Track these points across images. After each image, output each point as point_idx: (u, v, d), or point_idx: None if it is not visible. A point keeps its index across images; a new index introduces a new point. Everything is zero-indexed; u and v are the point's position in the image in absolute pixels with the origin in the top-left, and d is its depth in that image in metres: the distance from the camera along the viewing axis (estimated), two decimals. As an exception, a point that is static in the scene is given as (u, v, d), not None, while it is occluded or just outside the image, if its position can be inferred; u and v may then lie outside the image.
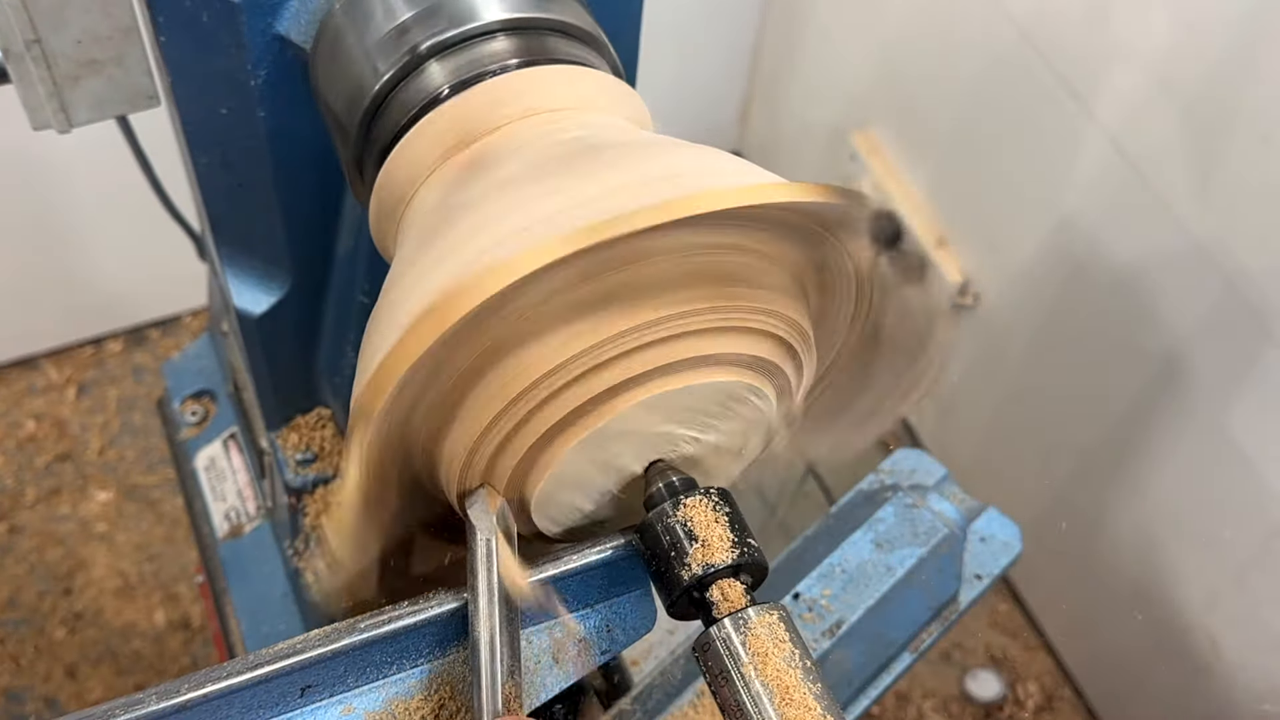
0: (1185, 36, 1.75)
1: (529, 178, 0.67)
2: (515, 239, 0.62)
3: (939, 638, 1.10)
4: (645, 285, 0.64)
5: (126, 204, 1.91)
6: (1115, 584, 2.26)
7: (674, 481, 0.70)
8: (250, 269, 1.03)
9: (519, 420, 0.66)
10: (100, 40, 0.92)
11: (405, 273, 0.67)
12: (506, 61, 0.77)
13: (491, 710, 0.62)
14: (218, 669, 0.62)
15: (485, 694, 0.63)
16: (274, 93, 0.87)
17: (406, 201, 0.76)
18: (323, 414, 1.20)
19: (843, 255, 0.70)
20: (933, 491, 1.14)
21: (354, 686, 0.66)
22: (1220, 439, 1.91)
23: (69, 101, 0.96)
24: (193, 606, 2.48)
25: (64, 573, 2.51)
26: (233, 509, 1.46)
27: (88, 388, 2.78)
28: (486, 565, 0.65)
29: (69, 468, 2.66)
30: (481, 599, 0.64)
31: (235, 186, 0.94)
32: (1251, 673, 2.01)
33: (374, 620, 0.65)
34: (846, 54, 2.66)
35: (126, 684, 2.38)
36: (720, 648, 0.64)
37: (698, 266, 0.65)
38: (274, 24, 0.84)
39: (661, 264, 0.64)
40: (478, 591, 0.65)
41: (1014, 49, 2.09)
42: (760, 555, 0.68)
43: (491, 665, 0.63)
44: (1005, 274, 2.30)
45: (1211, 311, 1.86)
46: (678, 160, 0.66)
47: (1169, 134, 1.84)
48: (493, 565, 0.65)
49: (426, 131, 0.76)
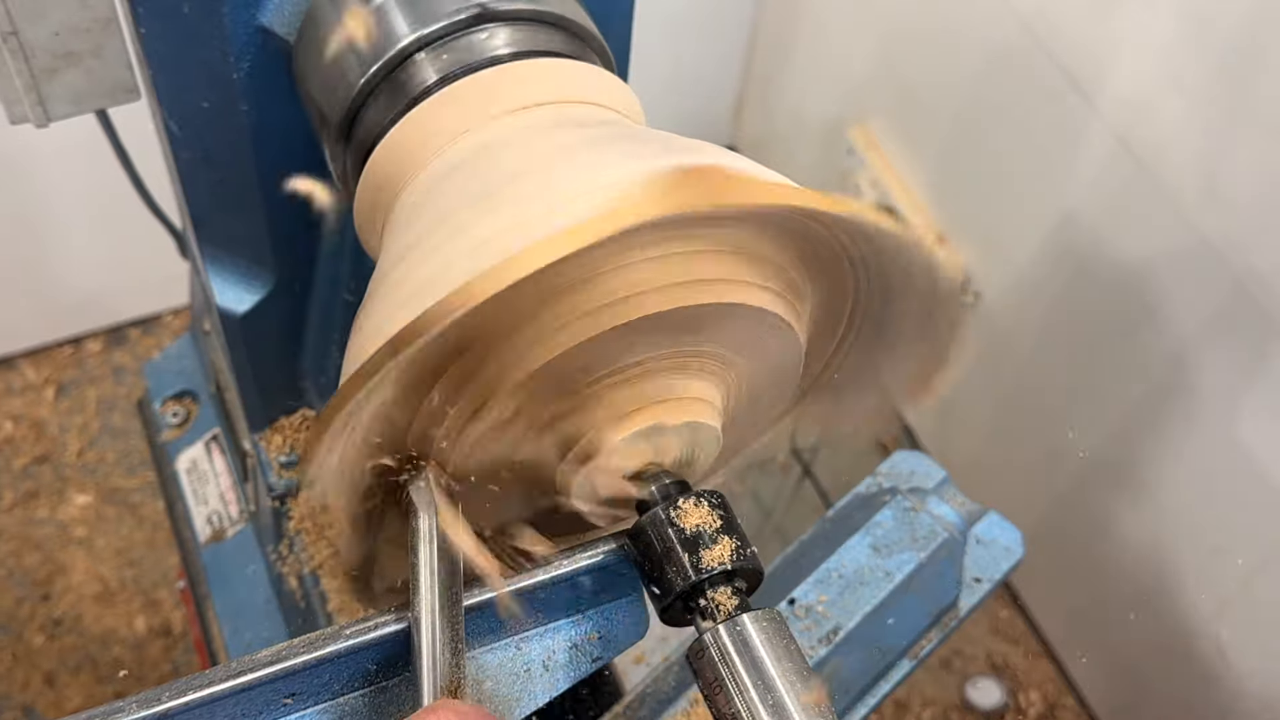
0: (1193, 28, 1.76)
1: (523, 171, 0.67)
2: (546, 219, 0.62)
3: (938, 645, 1.10)
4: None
5: (106, 200, 1.90)
6: (1120, 590, 2.26)
7: (667, 484, 0.70)
8: (233, 267, 1.03)
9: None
10: (79, 32, 0.92)
11: (396, 266, 0.67)
12: (496, 54, 0.77)
13: (432, 692, 0.62)
14: (199, 677, 0.62)
15: (426, 675, 0.63)
16: (257, 86, 0.87)
17: (394, 196, 0.76)
18: (307, 415, 1.20)
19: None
20: (932, 495, 1.14)
21: (339, 694, 0.66)
22: (1228, 442, 1.92)
23: (47, 95, 0.96)
24: (174, 613, 2.47)
25: (42, 578, 2.50)
26: (215, 512, 1.46)
27: (67, 388, 2.78)
28: (427, 544, 0.65)
29: (47, 470, 2.66)
30: (422, 578, 0.64)
31: (217, 182, 0.94)
32: (1260, 681, 2.01)
33: (359, 627, 0.65)
34: (844, 46, 2.66)
35: (106, 692, 2.38)
36: (714, 655, 0.64)
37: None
38: (257, 15, 0.84)
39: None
40: (418, 570, 0.65)
41: (1016, 41, 2.09)
42: (755, 560, 0.68)
43: (432, 646, 0.63)
44: (1006, 272, 2.30)
45: (1219, 311, 1.87)
46: (687, 156, 0.66)
47: (1176, 128, 1.85)
48: (433, 544, 0.65)
49: (414, 125, 0.76)
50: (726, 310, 0.67)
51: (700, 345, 0.69)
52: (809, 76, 2.85)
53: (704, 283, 0.65)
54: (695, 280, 0.65)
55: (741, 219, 0.65)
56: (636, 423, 0.69)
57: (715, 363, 0.71)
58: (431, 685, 0.62)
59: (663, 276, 0.64)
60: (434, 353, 0.62)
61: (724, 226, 0.64)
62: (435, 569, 0.65)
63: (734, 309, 0.67)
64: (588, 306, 0.63)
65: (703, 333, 0.68)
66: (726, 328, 0.69)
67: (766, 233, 0.67)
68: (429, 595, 0.64)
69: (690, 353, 0.69)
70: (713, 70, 3.06)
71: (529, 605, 0.69)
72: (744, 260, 0.66)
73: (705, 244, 0.65)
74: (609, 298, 0.63)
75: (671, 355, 0.68)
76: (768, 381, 0.78)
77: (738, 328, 0.69)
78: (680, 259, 0.64)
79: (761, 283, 0.68)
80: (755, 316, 0.69)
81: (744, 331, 0.70)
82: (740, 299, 0.67)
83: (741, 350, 0.71)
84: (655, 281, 0.64)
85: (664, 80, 2.92)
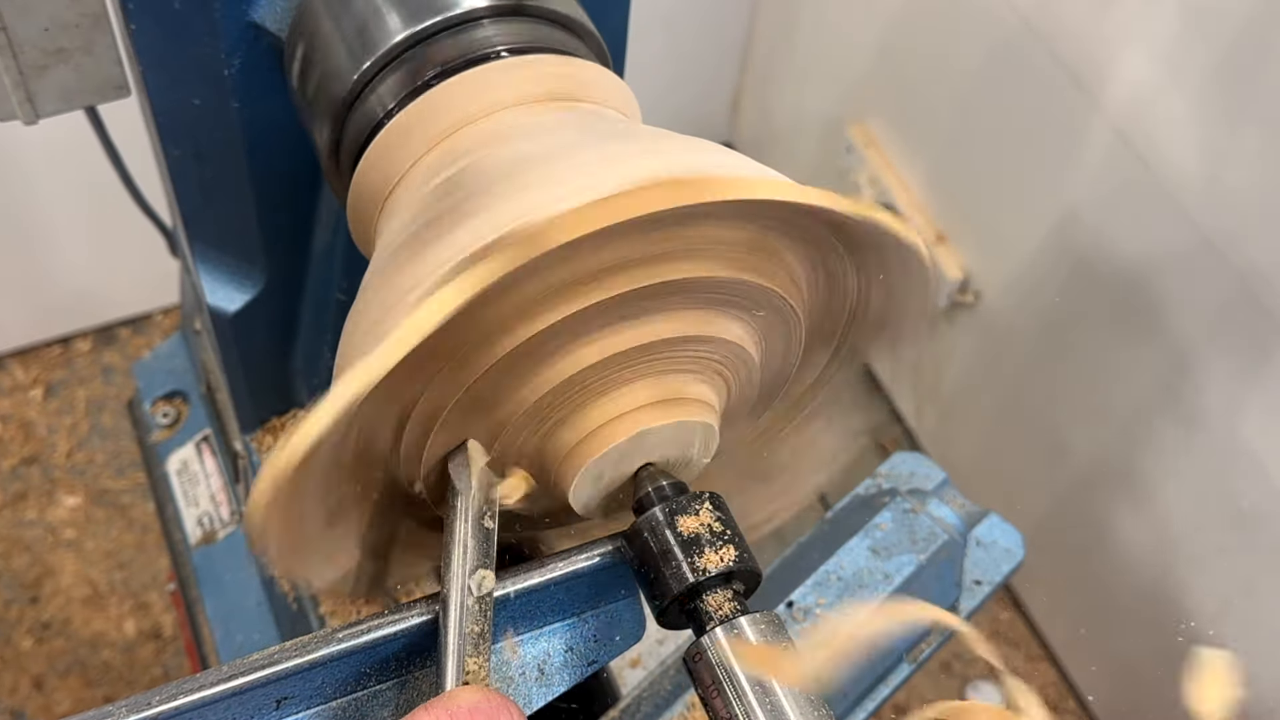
0: (1195, 21, 1.76)
1: (520, 166, 0.67)
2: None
3: (938, 648, 1.10)
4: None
5: (95, 198, 1.91)
6: (1122, 592, 2.26)
7: (663, 486, 0.70)
8: (224, 265, 1.03)
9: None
10: (68, 28, 0.92)
11: (386, 266, 0.67)
12: (492, 50, 0.77)
13: (457, 675, 0.62)
14: (190, 680, 0.62)
15: (451, 658, 0.63)
16: (248, 82, 0.87)
17: (387, 194, 0.76)
18: (299, 415, 1.20)
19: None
20: (932, 496, 1.14)
21: (332, 698, 0.66)
22: (1231, 442, 1.92)
23: (36, 91, 0.95)
24: (164, 616, 2.47)
25: (31, 580, 2.50)
26: (206, 514, 1.46)
27: (55, 388, 2.78)
28: (463, 519, 0.65)
29: (36, 471, 2.65)
30: (455, 555, 0.64)
31: (208, 180, 0.95)
32: (1265, 685, 2.01)
33: (352, 630, 0.65)
34: (842, 42, 2.66)
35: (96, 696, 2.37)
36: (711, 658, 0.64)
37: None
38: (248, 11, 0.84)
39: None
40: (451, 548, 0.65)
41: (1016, 36, 2.09)
42: (753, 562, 0.68)
43: (459, 625, 0.63)
44: (1006, 271, 2.30)
45: (1221, 310, 1.87)
46: (696, 154, 0.66)
47: (1178, 124, 1.85)
48: (469, 520, 0.65)
49: (409, 121, 0.76)
50: (682, 285, 0.66)
51: (673, 342, 0.69)
52: (807, 73, 2.85)
53: (654, 267, 0.64)
54: (644, 266, 0.64)
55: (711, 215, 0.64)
56: (620, 432, 0.69)
57: (699, 357, 0.71)
58: (455, 667, 0.62)
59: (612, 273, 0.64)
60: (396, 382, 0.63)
61: (683, 225, 0.64)
62: (468, 546, 0.65)
63: (695, 283, 0.66)
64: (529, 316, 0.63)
65: (667, 319, 0.68)
66: (695, 308, 0.68)
67: (726, 221, 0.66)
68: (460, 574, 0.64)
69: (664, 352, 0.69)
70: (710, 66, 3.06)
71: (524, 608, 0.69)
72: (709, 251, 0.66)
73: (669, 244, 0.64)
74: (555, 300, 0.63)
75: (648, 358, 0.69)
76: (777, 361, 0.77)
77: (709, 307, 0.69)
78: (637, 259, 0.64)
79: (731, 257, 0.67)
80: (728, 288, 0.68)
81: (718, 309, 0.70)
82: (700, 273, 0.66)
83: (724, 331, 0.71)
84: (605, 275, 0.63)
85: (660, 77, 2.92)
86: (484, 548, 0.65)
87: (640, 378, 0.69)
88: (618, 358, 0.67)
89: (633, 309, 0.65)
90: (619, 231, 0.58)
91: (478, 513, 0.66)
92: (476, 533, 0.65)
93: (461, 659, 0.62)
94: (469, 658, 0.62)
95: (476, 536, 0.65)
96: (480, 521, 0.66)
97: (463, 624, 0.63)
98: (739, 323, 0.71)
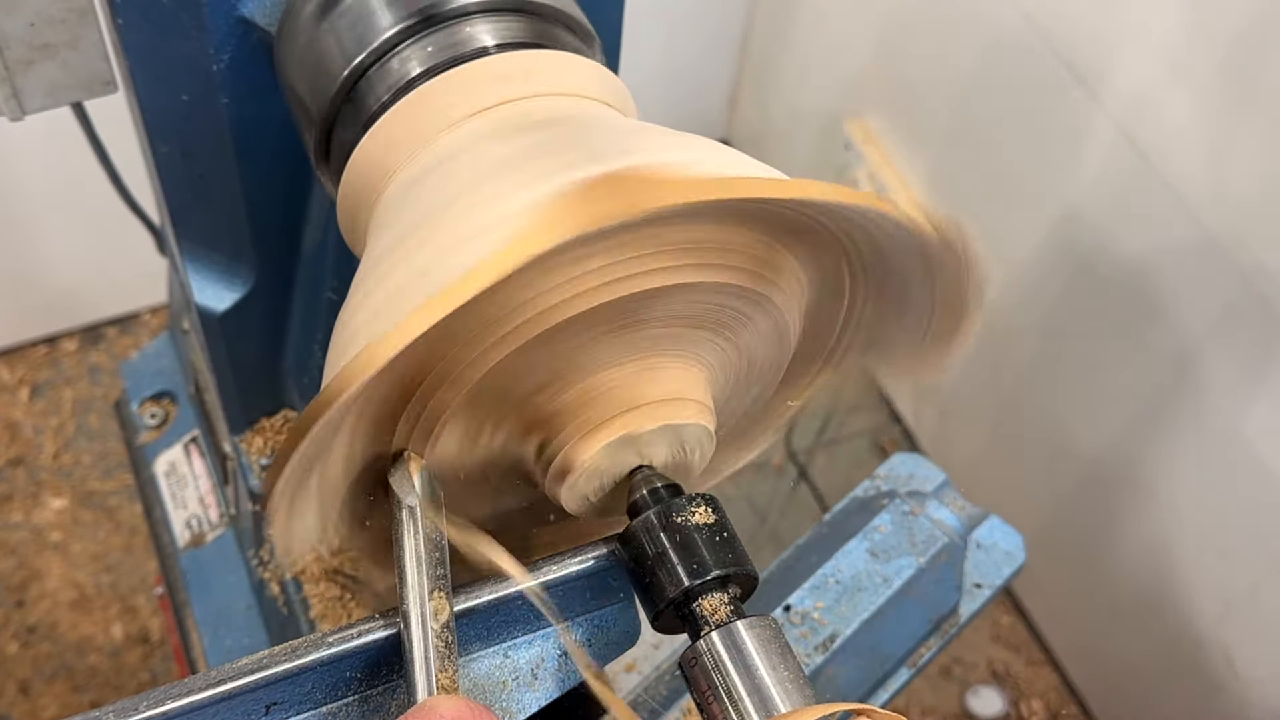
0: (1198, 17, 1.76)
1: (517, 163, 0.67)
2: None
3: (938, 652, 1.10)
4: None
5: (82, 195, 1.91)
6: (1124, 596, 2.27)
7: (659, 488, 0.70)
8: (212, 264, 1.03)
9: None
10: (54, 23, 0.92)
11: (377, 266, 0.67)
12: (484, 45, 0.77)
13: (427, 686, 0.62)
14: (178, 685, 0.62)
15: (419, 670, 0.62)
16: (237, 78, 0.87)
17: (377, 194, 0.76)
18: (289, 416, 1.20)
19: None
20: (931, 498, 1.14)
21: (322, 703, 0.66)
22: (1234, 443, 1.92)
23: (21, 88, 0.95)
24: (152, 619, 2.47)
25: (16, 584, 2.50)
26: (194, 516, 1.46)
27: (41, 389, 2.77)
28: (411, 532, 0.65)
29: (21, 473, 2.65)
30: (409, 569, 0.64)
31: (196, 177, 0.94)
32: (1269, 688, 2.02)
33: (342, 634, 0.65)
34: (841, 37, 2.67)
35: (82, 701, 2.37)
36: (707, 663, 0.64)
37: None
38: (237, 6, 0.84)
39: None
40: (404, 562, 0.65)
41: (1017, 32, 2.09)
42: (750, 565, 0.68)
43: (424, 639, 0.63)
44: (1007, 270, 2.31)
45: (1225, 309, 1.87)
46: (697, 150, 0.66)
47: (1181, 121, 1.85)
48: (418, 532, 0.65)
49: (400, 118, 0.76)
50: (671, 292, 0.66)
51: (658, 339, 0.69)
52: (806, 68, 2.85)
53: (637, 275, 0.64)
54: (626, 276, 0.64)
55: (675, 217, 0.64)
56: (605, 435, 0.69)
57: (686, 355, 0.71)
58: (426, 679, 0.62)
59: (590, 281, 0.63)
60: (386, 393, 0.63)
61: (660, 225, 0.64)
62: (421, 558, 0.65)
63: (682, 289, 0.66)
64: (508, 326, 0.63)
65: (655, 323, 0.68)
66: (682, 312, 0.68)
67: (718, 220, 0.66)
68: (416, 589, 0.64)
69: (650, 350, 0.69)
70: (707, 62, 3.06)
71: (516, 612, 0.69)
72: (692, 248, 0.66)
73: (645, 245, 0.64)
74: (530, 311, 0.63)
75: (633, 358, 0.69)
76: (768, 356, 0.77)
77: (698, 310, 0.69)
78: (617, 265, 0.64)
79: (717, 261, 0.66)
80: (712, 291, 0.68)
81: (707, 310, 0.69)
82: (686, 279, 0.66)
83: (714, 330, 0.71)
84: (582, 286, 0.63)
85: (657, 72, 2.92)
86: (436, 557, 0.65)
87: (639, 377, 0.69)
88: (616, 356, 0.67)
89: (632, 312, 0.66)
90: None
91: (429, 525, 0.66)
92: (427, 544, 0.65)
93: (431, 672, 0.62)
94: (440, 672, 0.62)
95: (428, 548, 0.65)
96: (430, 535, 0.66)
97: (428, 638, 0.63)
98: (741, 325, 0.71)
